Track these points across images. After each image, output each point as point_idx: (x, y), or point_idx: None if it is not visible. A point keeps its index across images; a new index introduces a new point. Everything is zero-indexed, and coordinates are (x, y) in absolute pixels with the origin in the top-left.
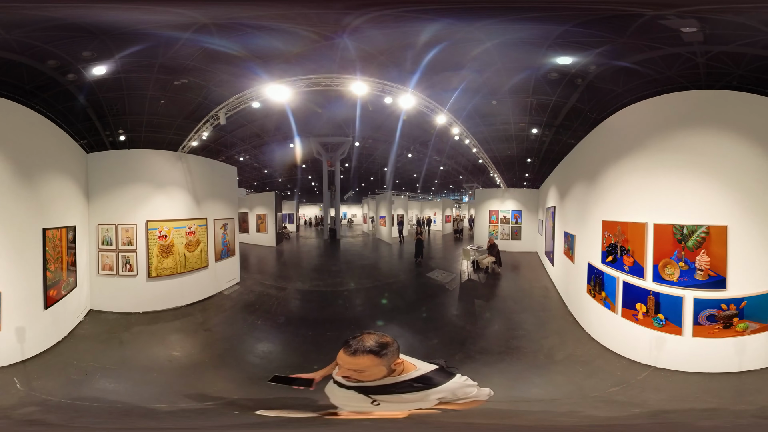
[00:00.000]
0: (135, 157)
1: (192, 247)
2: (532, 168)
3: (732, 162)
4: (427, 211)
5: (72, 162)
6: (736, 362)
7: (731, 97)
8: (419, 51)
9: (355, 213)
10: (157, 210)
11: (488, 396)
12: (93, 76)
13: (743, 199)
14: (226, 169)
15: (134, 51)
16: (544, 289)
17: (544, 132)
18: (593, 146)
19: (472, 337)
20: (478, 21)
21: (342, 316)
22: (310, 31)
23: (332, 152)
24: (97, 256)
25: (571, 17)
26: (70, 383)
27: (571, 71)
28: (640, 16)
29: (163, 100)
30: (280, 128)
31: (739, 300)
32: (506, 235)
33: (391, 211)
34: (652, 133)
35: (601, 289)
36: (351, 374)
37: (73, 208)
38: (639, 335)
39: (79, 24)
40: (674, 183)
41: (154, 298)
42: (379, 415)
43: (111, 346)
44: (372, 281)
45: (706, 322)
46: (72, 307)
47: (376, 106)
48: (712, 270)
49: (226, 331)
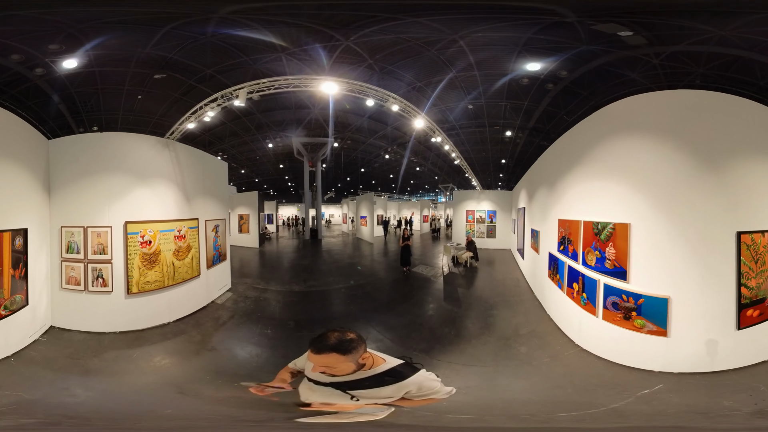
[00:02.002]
0: (109, 141)
1: (182, 254)
2: (506, 169)
3: (638, 165)
4: (405, 211)
5: (24, 149)
6: (635, 357)
7: (661, 98)
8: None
9: (333, 213)
10: (139, 209)
11: (449, 394)
12: (64, 70)
13: (647, 199)
14: (217, 163)
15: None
16: (515, 279)
17: (517, 134)
18: (553, 157)
19: (459, 317)
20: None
21: (348, 311)
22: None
23: (313, 153)
24: (60, 267)
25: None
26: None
27: (540, 76)
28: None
29: (141, 94)
30: (260, 127)
31: (637, 295)
32: (482, 234)
33: (373, 211)
34: (590, 145)
35: (556, 273)
36: (325, 370)
37: (25, 207)
38: (574, 313)
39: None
40: (596, 187)
41: (135, 315)
42: (366, 417)
43: (68, 375)
44: (364, 278)
45: (611, 308)
46: (22, 325)
47: (355, 107)
48: (616, 261)
49: (238, 349)
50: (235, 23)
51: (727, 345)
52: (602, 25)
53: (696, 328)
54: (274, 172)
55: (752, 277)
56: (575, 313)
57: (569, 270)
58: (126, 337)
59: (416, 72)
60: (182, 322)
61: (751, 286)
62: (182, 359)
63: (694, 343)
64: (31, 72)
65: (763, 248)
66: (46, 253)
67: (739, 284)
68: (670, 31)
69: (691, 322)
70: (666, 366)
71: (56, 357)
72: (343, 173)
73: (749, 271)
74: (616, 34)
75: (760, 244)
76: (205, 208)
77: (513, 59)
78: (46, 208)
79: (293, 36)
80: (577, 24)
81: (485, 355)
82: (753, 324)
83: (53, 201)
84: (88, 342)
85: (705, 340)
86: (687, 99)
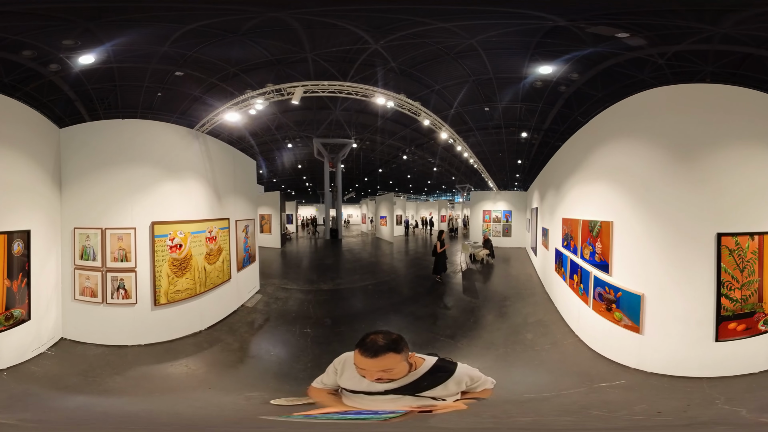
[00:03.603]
0: (131, 128)
1: (213, 257)
2: (522, 169)
3: (624, 164)
4: (423, 211)
5: (27, 137)
6: (615, 352)
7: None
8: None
9: (351, 213)
10: (167, 207)
11: (493, 384)
12: (79, 65)
13: (629, 197)
14: (246, 160)
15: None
16: (528, 275)
17: (533, 136)
18: (559, 162)
19: (478, 307)
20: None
21: (378, 305)
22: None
23: (333, 153)
24: (73, 276)
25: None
26: None
27: (553, 79)
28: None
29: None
30: (280, 127)
31: (617, 289)
32: (498, 233)
33: (393, 211)
34: (585, 151)
35: (561, 266)
36: (382, 375)
37: (29, 205)
38: (574, 303)
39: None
40: (591, 190)
41: (163, 327)
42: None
43: (75, 396)
44: (388, 275)
45: (597, 298)
46: (22, 338)
47: (376, 109)
48: (602, 255)
49: (283, 352)
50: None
51: (702, 354)
52: (595, 28)
53: (669, 331)
54: (292, 172)
55: (736, 288)
56: (575, 304)
57: (571, 263)
58: (154, 350)
59: (434, 75)
60: (214, 329)
61: (734, 298)
62: (226, 370)
63: (666, 344)
64: (45, 68)
65: (751, 254)
66: (55, 260)
67: (718, 293)
68: (668, 31)
69: (665, 324)
70: (639, 364)
71: (64, 374)
72: (361, 174)
73: (732, 281)
74: (614, 36)
75: (748, 249)
76: (236, 207)
77: (525, 63)
78: (56, 206)
79: (324, 37)
80: (574, 28)
81: (498, 339)
82: (735, 338)
83: (65, 197)
84: (107, 357)
85: (677, 345)
86: (658, 96)
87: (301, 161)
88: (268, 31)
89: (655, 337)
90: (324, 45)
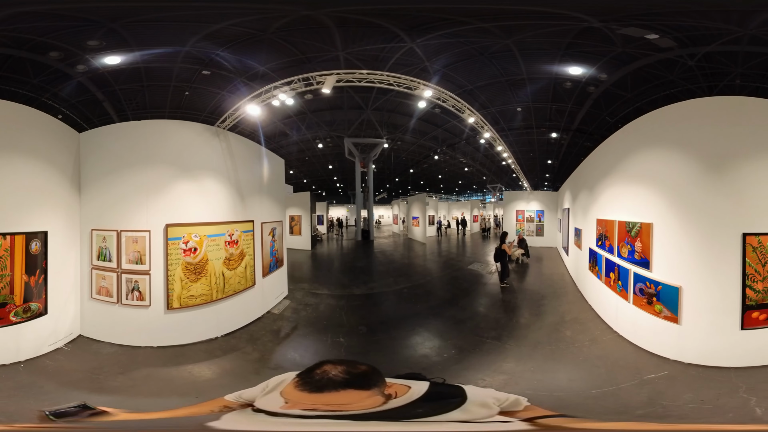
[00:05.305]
0: (148, 129)
1: (234, 262)
2: (552, 169)
3: (660, 171)
4: (454, 211)
5: (46, 144)
6: (656, 345)
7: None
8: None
9: (382, 214)
10: (182, 209)
11: (527, 400)
12: (106, 66)
13: (666, 201)
14: (274, 158)
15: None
16: (560, 274)
17: (562, 136)
18: (591, 166)
19: (517, 307)
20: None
21: (415, 310)
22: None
23: (365, 153)
24: (90, 276)
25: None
26: None
27: (582, 80)
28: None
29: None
30: (310, 127)
31: (657, 283)
32: (531, 232)
33: (425, 212)
34: (621, 156)
35: (595, 265)
36: (338, 408)
37: (47, 208)
38: (611, 300)
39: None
40: (628, 192)
41: (176, 331)
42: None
43: (70, 391)
44: (422, 277)
45: (638, 293)
46: (40, 332)
47: (408, 109)
48: (642, 253)
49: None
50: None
51: (730, 342)
52: (627, 29)
53: (703, 319)
54: (323, 172)
55: (758, 280)
56: (612, 301)
57: (606, 262)
58: (164, 353)
59: (467, 75)
60: (233, 336)
61: (757, 289)
62: (234, 381)
63: (701, 334)
64: (73, 69)
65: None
66: (74, 259)
67: (743, 285)
68: (698, 32)
69: (700, 313)
70: (678, 355)
71: (73, 369)
72: (392, 174)
73: (755, 273)
74: (644, 38)
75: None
76: (262, 208)
77: (556, 63)
78: (75, 208)
79: (359, 34)
80: (606, 29)
81: (542, 338)
82: (758, 327)
83: (84, 199)
84: (118, 356)
85: (708, 332)
86: (692, 107)
87: (332, 161)
88: (298, 30)
89: (691, 325)
90: (357, 43)
